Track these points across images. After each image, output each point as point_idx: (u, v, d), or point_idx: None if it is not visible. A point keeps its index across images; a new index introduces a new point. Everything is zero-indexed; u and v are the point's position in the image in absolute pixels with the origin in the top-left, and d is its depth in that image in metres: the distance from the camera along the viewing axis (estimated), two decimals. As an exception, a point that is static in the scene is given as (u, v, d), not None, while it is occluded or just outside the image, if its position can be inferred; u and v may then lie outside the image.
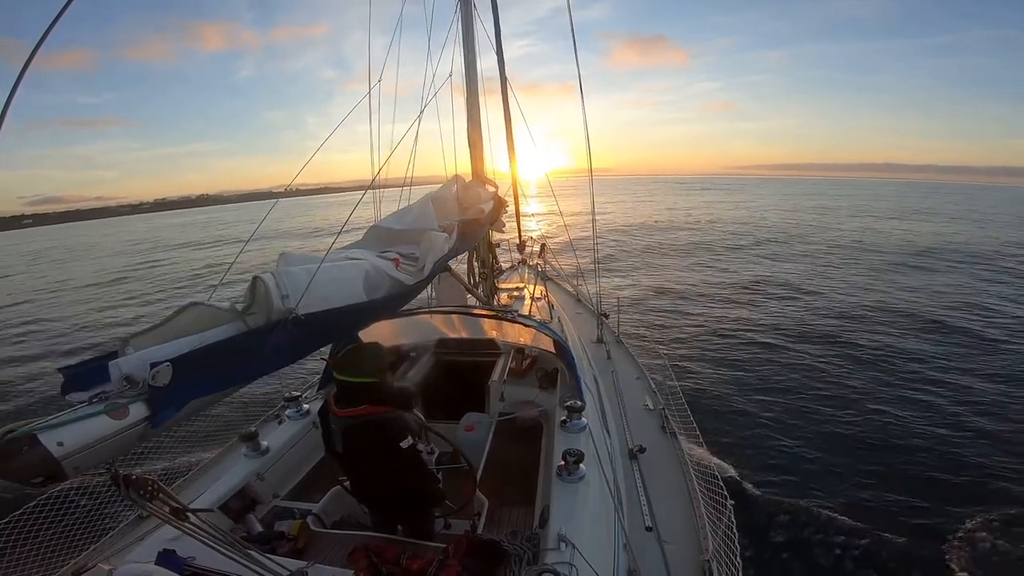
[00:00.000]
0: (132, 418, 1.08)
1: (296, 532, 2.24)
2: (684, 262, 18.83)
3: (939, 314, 11.45)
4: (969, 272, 16.25)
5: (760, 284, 14.74)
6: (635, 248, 22.46)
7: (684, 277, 16.10)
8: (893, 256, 19.10)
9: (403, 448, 1.97)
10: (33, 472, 0.94)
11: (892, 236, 24.74)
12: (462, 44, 4.32)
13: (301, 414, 3.22)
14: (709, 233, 26.76)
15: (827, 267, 17.30)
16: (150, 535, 2.08)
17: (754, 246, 22.15)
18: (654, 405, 3.87)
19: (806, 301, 12.88)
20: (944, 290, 13.80)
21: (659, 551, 2.41)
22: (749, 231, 27.11)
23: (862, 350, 9.26)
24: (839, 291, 13.86)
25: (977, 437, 6.26)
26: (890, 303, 12.44)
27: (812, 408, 7.06)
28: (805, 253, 20.09)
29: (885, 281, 15.04)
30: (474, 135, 4.48)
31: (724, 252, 20.91)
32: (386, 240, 2.53)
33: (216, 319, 1.36)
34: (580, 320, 5.92)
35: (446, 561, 1.87)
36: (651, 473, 3.01)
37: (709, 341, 9.91)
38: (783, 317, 11.43)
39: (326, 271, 1.64)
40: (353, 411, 1.98)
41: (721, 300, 13.13)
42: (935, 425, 6.53)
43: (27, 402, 8.91)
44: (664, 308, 12.44)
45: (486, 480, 2.83)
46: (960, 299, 12.75)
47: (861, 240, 23.37)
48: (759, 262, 18.50)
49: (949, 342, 9.65)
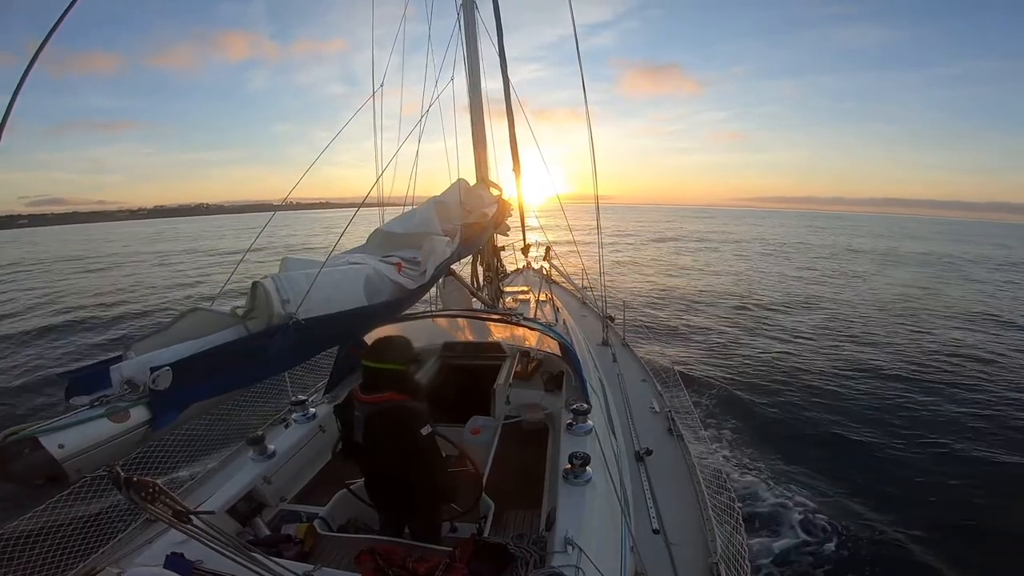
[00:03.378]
0: (133, 421, 1.10)
1: (303, 535, 2.24)
2: (692, 270, 18.79)
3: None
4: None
5: (766, 289, 14.64)
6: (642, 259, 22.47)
7: (690, 283, 16.04)
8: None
9: (423, 434, 2.01)
10: (35, 474, 0.96)
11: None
12: (464, 44, 4.35)
13: (307, 418, 3.23)
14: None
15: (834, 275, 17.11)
16: (158, 538, 2.09)
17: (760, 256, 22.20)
18: (660, 407, 3.84)
19: (815, 306, 12.80)
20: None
21: (666, 553, 2.39)
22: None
23: (863, 352, 9.19)
24: (846, 297, 13.74)
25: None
26: (905, 309, 12.30)
27: (819, 410, 7.02)
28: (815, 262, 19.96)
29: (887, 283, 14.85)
30: (478, 136, 4.50)
31: (733, 260, 20.91)
32: (389, 244, 2.54)
33: (217, 324, 1.38)
34: (585, 323, 5.90)
35: (452, 564, 1.87)
36: (658, 475, 2.99)
37: (715, 343, 9.86)
38: (791, 320, 11.35)
39: (327, 275, 1.65)
40: (379, 397, 2.03)
41: (727, 303, 13.07)
42: (939, 437, 6.42)
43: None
44: (670, 311, 12.40)
45: (492, 483, 2.82)
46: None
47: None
48: (766, 268, 18.41)
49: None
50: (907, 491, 5.23)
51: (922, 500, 5.09)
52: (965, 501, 5.06)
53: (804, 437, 6.30)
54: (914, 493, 5.21)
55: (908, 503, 5.02)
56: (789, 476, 5.39)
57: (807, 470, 5.53)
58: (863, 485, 5.29)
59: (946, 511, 4.91)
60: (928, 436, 6.33)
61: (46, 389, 8.27)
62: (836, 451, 5.99)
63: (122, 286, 20.82)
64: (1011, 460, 5.80)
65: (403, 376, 2.10)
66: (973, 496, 5.12)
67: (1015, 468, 5.66)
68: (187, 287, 20.32)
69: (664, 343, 9.78)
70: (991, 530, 4.62)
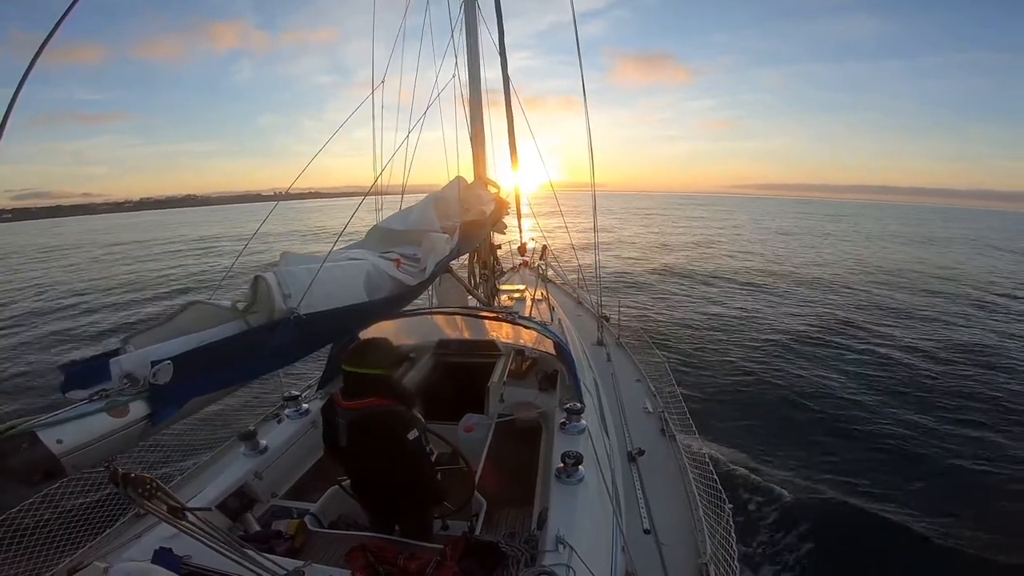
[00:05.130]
0: (132, 416, 1.08)
1: (293, 531, 2.23)
2: (686, 265, 18.92)
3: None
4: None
5: (761, 287, 14.78)
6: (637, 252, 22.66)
7: (687, 281, 16.15)
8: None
9: (410, 439, 1.97)
10: (32, 469, 0.94)
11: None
12: (466, 44, 4.33)
13: (300, 413, 3.21)
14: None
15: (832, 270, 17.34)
16: (146, 533, 2.07)
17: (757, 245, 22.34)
18: (653, 408, 3.87)
19: (810, 305, 12.89)
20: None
21: (657, 553, 2.41)
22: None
23: (862, 353, 9.29)
24: (842, 295, 13.91)
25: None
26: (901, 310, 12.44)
27: (813, 411, 7.09)
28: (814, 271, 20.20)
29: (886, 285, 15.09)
30: (477, 135, 4.49)
31: (730, 254, 21.06)
32: (387, 241, 2.53)
33: (217, 318, 1.36)
34: (581, 322, 5.92)
35: (443, 562, 1.87)
36: (650, 476, 3.01)
37: (710, 345, 9.92)
38: (787, 320, 11.46)
39: (328, 271, 1.64)
40: (360, 403, 1.97)
41: (724, 303, 13.16)
42: (937, 426, 6.59)
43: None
44: (665, 311, 12.46)
45: (484, 481, 2.82)
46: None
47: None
48: (764, 264, 18.59)
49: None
50: (908, 490, 5.26)
51: (932, 504, 5.05)
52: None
53: (804, 438, 6.35)
54: (920, 493, 5.21)
55: (913, 503, 5.04)
56: (787, 477, 5.44)
57: (806, 472, 5.59)
58: (865, 487, 5.33)
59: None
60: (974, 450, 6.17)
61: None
62: (837, 452, 6.03)
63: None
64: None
65: (387, 380, 2.05)
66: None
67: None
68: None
69: (659, 343, 9.82)
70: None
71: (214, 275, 19.65)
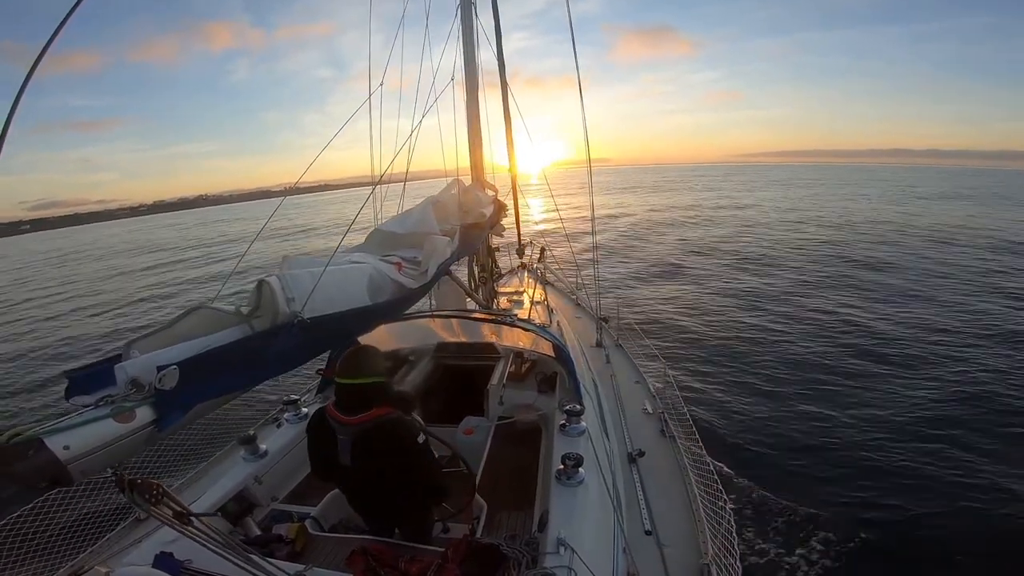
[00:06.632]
0: (138, 421, 1.08)
1: (294, 535, 2.24)
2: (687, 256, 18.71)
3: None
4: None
5: (764, 280, 14.62)
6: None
7: (688, 276, 16.02)
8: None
9: (419, 444, 1.96)
10: (39, 476, 0.94)
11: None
12: (462, 47, 4.34)
13: (299, 418, 3.21)
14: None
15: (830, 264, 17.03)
16: (147, 538, 2.07)
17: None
18: (653, 409, 3.87)
19: (811, 296, 12.69)
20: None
21: (658, 555, 2.42)
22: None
23: (863, 352, 9.23)
24: (842, 294, 13.86)
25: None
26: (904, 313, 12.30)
27: (815, 413, 6.98)
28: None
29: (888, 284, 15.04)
30: (474, 138, 4.50)
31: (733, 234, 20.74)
32: (387, 244, 2.53)
33: (221, 322, 1.36)
34: (579, 324, 5.92)
35: (444, 565, 1.87)
36: (650, 477, 3.02)
37: (710, 344, 9.86)
38: (789, 318, 11.31)
39: (330, 274, 1.65)
40: (365, 416, 1.91)
41: (724, 302, 13.08)
42: (938, 430, 6.44)
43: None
44: (665, 310, 12.42)
45: (485, 484, 2.83)
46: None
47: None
48: (768, 245, 18.41)
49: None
50: (907, 499, 5.12)
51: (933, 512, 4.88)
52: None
53: (807, 442, 6.26)
54: (946, 501, 4.99)
55: (912, 511, 4.92)
56: (787, 478, 5.42)
57: (807, 473, 5.55)
58: (863, 487, 5.28)
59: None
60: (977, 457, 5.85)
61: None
62: (837, 454, 5.95)
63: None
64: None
65: (385, 388, 2.01)
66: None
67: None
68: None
69: (658, 343, 9.80)
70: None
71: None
